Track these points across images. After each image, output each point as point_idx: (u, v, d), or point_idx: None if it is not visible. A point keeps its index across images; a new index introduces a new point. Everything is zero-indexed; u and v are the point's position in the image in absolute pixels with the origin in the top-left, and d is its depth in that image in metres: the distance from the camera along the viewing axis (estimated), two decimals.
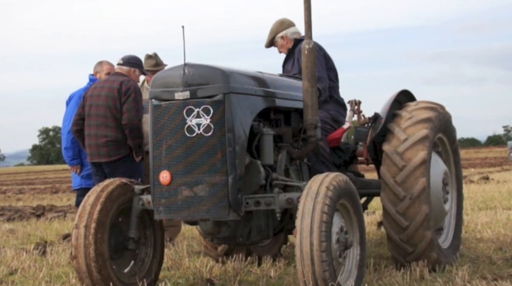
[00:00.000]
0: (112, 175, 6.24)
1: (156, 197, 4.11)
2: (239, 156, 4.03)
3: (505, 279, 4.46)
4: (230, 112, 4.00)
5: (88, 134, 6.32)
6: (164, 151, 4.07)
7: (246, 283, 4.67)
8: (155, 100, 4.15)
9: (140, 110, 6.32)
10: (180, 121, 4.04)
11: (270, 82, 4.55)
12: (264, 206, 4.11)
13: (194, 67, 4.09)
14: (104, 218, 4.22)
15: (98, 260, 4.13)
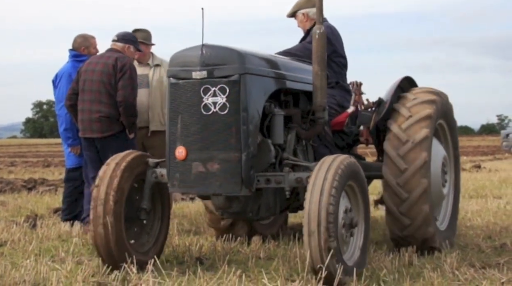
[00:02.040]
0: (104, 151, 6.23)
1: (171, 171, 4.30)
2: (252, 135, 4.22)
3: (493, 268, 4.49)
4: (245, 92, 4.17)
5: (81, 110, 6.28)
6: (180, 128, 4.26)
7: (235, 262, 4.68)
8: (172, 79, 4.31)
9: (135, 88, 6.29)
10: (197, 100, 4.21)
11: (282, 64, 4.73)
12: (274, 183, 4.30)
13: (212, 48, 4.25)
14: (123, 185, 4.41)
15: (115, 226, 4.32)
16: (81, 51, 6.84)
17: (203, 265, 4.62)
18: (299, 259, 4.62)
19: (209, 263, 4.66)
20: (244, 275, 4.19)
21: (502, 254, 5.00)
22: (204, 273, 4.33)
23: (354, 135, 5.62)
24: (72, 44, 6.91)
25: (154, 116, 6.87)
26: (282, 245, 5.31)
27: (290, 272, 4.34)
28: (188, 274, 4.29)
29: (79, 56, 6.81)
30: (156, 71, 7.00)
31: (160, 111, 6.92)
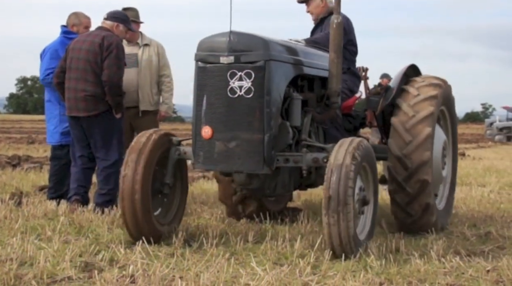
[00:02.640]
0: (90, 130, 6.19)
1: (197, 149, 4.62)
2: (274, 117, 4.55)
3: (478, 256, 4.55)
4: (269, 78, 4.48)
5: (67, 88, 6.23)
6: (207, 109, 4.56)
7: (222, 245, 4.69)
8: (200, 63, 4.60)
9: (121, 67, 6.22)
10: (224, 83, 4.50)
11: (301, 51, 5.04)
12: (292, 163, 4.66)
13: (239, 35, 4.55)
14: (150, 162, 4.70)
15: (142, 200, 4.61)
16: (71, 29, 6.76)
17: (191, 247, 4.62)
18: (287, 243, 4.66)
19: (197, 245, 4.66)
20: (232, 258, 4.19)
21: (486, 242, 5.06)
22: (192, 255, 4.34)
23: (360, 119, 5.94)
24: (66, 20, 6.83)
25: (144, 97, 6.84)
26: (270, 229, 5.32)
27: (278, 256, 4.35)
28: (176, 256, 4.29)
29: (70, 33, 6.72)
30: (145, 50, 6.95)
31: (150, 92, 6.88)
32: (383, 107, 5.66)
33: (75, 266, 3.95)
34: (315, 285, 3.61)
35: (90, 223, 5.35)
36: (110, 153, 6.20)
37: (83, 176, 6.29)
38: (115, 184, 6.23)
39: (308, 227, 5.39)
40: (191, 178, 9.71)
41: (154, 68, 6.93)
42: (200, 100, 4.59)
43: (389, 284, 3.70)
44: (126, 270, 3.85)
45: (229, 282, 3.62)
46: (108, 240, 4.73)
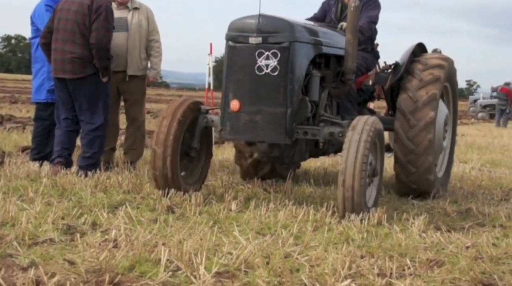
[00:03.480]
0: (75, 92, 6.12)
1: (225, 121, 5.03)
2: (296, 93, 4.97)
3: (458, 231, 4.60)
4: (293, 57, 4.91)
5: (54, 49, 6.14)
6: (236, 84, 4.98)
7: (205, 213, 4.69)
8: (231, 42, 5.02)
9: (110, 30, 6.14)
10: (252, 61, 4.91)
11: (320, 32, 5.44)
12: (310, 136, 5.12)
13: (267, 18, 4.98)
14: (180, 128, 5.15)
15: (173, 158, 5.10)
16: None
17: (174, 213, 4.62)
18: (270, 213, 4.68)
19: (180, 212, 4.66)
20: (215, 227, 4.21)
21: (467, 219, 5.11)
22: (175, 222, 4.35)
23: (370, 93, 6.42)
24: None
25: (133, 61, 6.75)
26: (253, 198, 5.33)
27: (261, 226, 4.37)
28: (159, 222, 4.29)
29: None
30: (135, 14, 6.84)
31: (138, 56, 6.79)
32: (391, 83, 6.04)
33: (57, 228, 3.94)
34: (297, 256, 3.62)
35: (73, 186, 5.32)
36: (95, 116, 6.16)
37: (67, 138, 6.24)
38: (99, 147, 6.21)
39: (291, 198, 5.41)
40: None
41: (143, 32, 6.83)
42: (230, 76, 5.01)
43: (370, 257, 3.73)
44: (108, 234, 3.85)
45: (212, 250, 3.63)
46: (91, 204, 4.71)
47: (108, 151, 6.80)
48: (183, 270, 3.22)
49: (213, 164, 7.37)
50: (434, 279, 3.37)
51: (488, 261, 3.78)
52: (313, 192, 5.79)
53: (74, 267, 3.20)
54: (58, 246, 3.61)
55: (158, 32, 6.96)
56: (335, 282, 3.17)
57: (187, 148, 5.37)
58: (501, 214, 5.23)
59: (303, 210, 4.79)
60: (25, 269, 3.10)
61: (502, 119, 25.65)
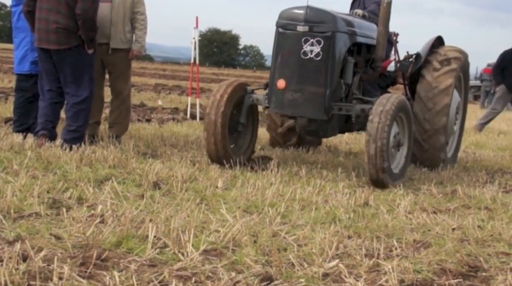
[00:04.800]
0: (60, 63, 6.01)
1: (272, 96, 5.78)
2: (335, 76, 5.72)
3: (444, 213, 4.62)
4: (334, 45, 5.65)
5: (38, 18, 6.01)
6: (283, 66, 5.71)
7: (192, 190, 4.67)
8: (281, 29, 5.76)
9: (96, 1, 6.03)
10: (298, 47, 5.64)
11: (355, 23, 6.09)
12: (344, 111, 5.85)
13: (313, 9, 5.71)
14: (230, 103, 5.81)
15: (223, 131, 5.74)
16: None
17: (160, 190, 4.59)
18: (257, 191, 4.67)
19: (166, 188, 4.63)
20: (202, 204, 4.18)
21: (452, 200, 5.13)
22: (162, 198, 4.32)
23: (391, 79, 7.00)
24: None
25: (116, 34, 6.63)
26: (239, 176, 5.31)
27: (248, 204, 4.36)
28: (145, 198, 4.26)
29: None
30: None
31: (122, 29, 6.66)
32: (412, 70, 6.69)
33: (43, 202, 3.90)
34: (285, 234, 3.62)
35: (58, 159, 5.25)
36: (80, 89, 6.07)
37: (51, 110, 6.15)
38: (84, 121, 6.12)
39: (278, 176, 5.40)
40: (160, 119, 9.63)
41: (128, 4, 6.69)
42: (278, 58, 5.72)
43: (357, 237, 3.74)
44: (95, 209, 3.82)
45: (199, 228, 3.61)
46: (76, 178, 4.66)
47: (93, 124, 6.72)
48: (170, 247, 3.20)
49: (199, 140, 7.34)
50: (420, 260, 3.38)
51: (474, 243, 3.81)
52: (299, 171, 5.77)
53: (61, 242, 3.17)
54: (44, 220, 3.57)
55: (143, 4, 6.82)
56: (323, 262, 3.17)
57: (235, 124, 6.02)
58: (486, 196, 5.26)
59: (290, 188, 4.79)
60: (11, 243, 3.07)
61: (487, 100, 25.73)
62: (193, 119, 10.22)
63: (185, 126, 9.01)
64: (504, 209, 4.91)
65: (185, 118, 10.36)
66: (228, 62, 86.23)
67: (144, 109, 11.33)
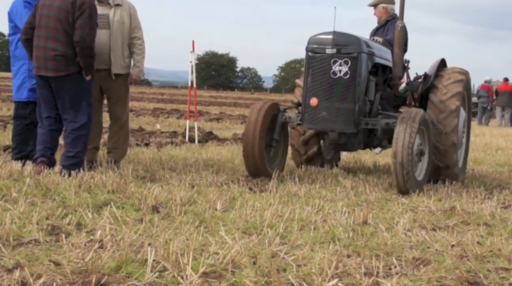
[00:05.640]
0: (58, 90, 6.05)
1: (305, 113, 6.43)
2: (362, 93, 6.43)
3: (443, 230, 4.62)
4: (360, 65, 6.33)
5: (36, 46, 6.07)
6: (315, 85, 6.37)
7: (191, 213, 4.67)
8: (310, 53, 6.45)
9: (94, 28, 6.08)
10: (328, 67, 6.33)
11: (376, 47, 6.81)
12: (371, 125, 6.57)
13: (340, 34, 6.42)
14: (265, 121, 6.51)
15: (260, 146, 6.40)
16: None
17: (159, 213, 4.60)
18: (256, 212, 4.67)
19: (165, 212, 4.63)
20: (201, 226, 4.19)
21: (451, 217, 5.13)
22: (161, 222, 4.32)
23: (402, 98, 7.64)
24: None
25: (116, 59, 6.68)
26: (238, 197, 5.32)
27: (247, 225, 4.36)
28: (144, 222, 4.26)
29: None
30: (117, 11, 6.77)
31: (121, 54, 6.72)
32: (422, 90, 7.28)
33: (42, 229, 3.90)
34: (284, 255, 3.61)
35: (56, 186, 5.27)
36: (78, 115, 6.10)
37: (49, 137, 6.18)
38: (83, 146, 6.14)
39: (277, 197, 5.40)
40: (159, 143, 9.66)
41: (126, 30, 6.76)
42: (310, 79, 6.38)
43: (356, 256, 3.74)
44: (94, 235, 3.82)
45: (198, 250, 3.61)
46: (75, 204, 4.67)
47: (92, 150, 6.75)
48: (170, 270, 3.20)
49: (197, 163, 7.36)
50: (420, 278, 3.38)
51: (473, 259, 3.81)
52: (298, 191, 5.79)
53: (60, 268, 3.17)
54: (43, 246, 3.58)
55: (141, 29, 6.90)
56: (322, 282, 3.17)
57: (269, 140, 6.69)
58: (485, 212, 5.27)
59: (289, 209, 4.79)
60: (10, 271, 3.07)
61: (484, 117, 25.79)
62: (191, 143, 10.26)
63: (183, 150, 9.03)
64: (503, 224, 4.91)
65: (184, 141, 10.40)
66: (226, 85, 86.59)
67: (143, 134, 11.37)
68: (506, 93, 25.05)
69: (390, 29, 7.55)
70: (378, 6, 7.76)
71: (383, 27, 7.76)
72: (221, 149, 9.50)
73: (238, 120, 17.96)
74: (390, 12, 7.74)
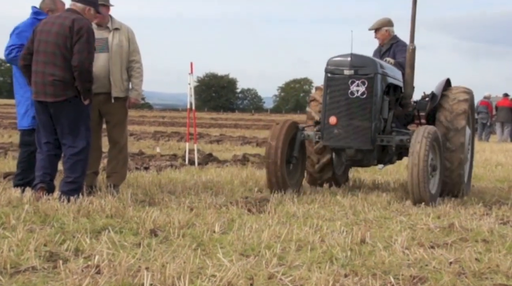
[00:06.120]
0: (57, 115, 6.08)
1: (325, 131, 6.81)
2: (378, 112, 6.82)
3: (441, 247, 4.62)
4: (376, 85, 6.73)
5: (35, 71, 6.11)
6: (334, 104, 6.76)
7: (189, 236, 4.68)
8: (329, 74, 6.84)
9: (92, 52, 6.12)
10: (346, 88, 6.74)
11: (389, 68, 7.21)
12: (386, 142, 6.95)
13: (356, 56, 6.82)
14: (286, 139, 6.94)
15: (282, 163, 6.87)
16: (46, 13, 6.58)
17: (157, 237, 4.61)
18: (254, 234, 4.68)
19: (164, 236, 4.64)
20: (199, 249, 4.19)
21: (450, 234, 5.13)
22: (159, 245, 4.32)
23: (411, 117, 8.03)
24: (40, 4, 6.66)
25: (116, 83, 6.73)
26: (237, 219, 5.33)
27: (245, 247, 4.36)
28: (142, 246, 4.27)
29: (40, 14, 6.56)
30: (116, 35, 6.83)
31: (120, 78, 6.76)
32: (430, 108, 7.64)
33: (40, 255, 3.91)
34: (281, 276, 3.62)
35: (55, 212, 5.28)
36: (77, 140, 6.12)
37: (48, 163, 6.20)
38: (82, 171, 6.16)
39: (275, 217, 5.41)
40: (158, 166, 9.68)
41: (124, 53, 6.82)
42: (329, 98, 6.77)
43: (353, 275, 3.74)
44: (91, 260, 3.82)
45: (195, 273, 3.62)
46: (73, 230, 4.68)
47: (91, 175, 6.77)
48: None
49: (196, 185, 7.38)
50: None
51: (471, 276, 3.81)
52: (297, 211, 5.79)
53: None
54: (40, 274, 3.58)
55: (139, 53, 6.96)
56: None
57: (289, 157, 7.07)
58: (484, 229, 5.26)
59: (287, 229, 4.80)
60: None
61: (484, 133, 25.79)
62: (191, 165, 10.28)
63: (183, 172, 9.05)
64: (502, 240, 4.91)
65: (184, 164, 10.41)
66: (226, 106, 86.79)
67: (143, 158, 11.38)
68: (505, 109, 25.07)
69: (398, 52, 7.92)
70: (381, 29, 8.13)
71: (388, 50, 8.11)
72: (221, 170, 9.51)
73: (238, 141, 17.98)
74: (392, 35, 8.13)
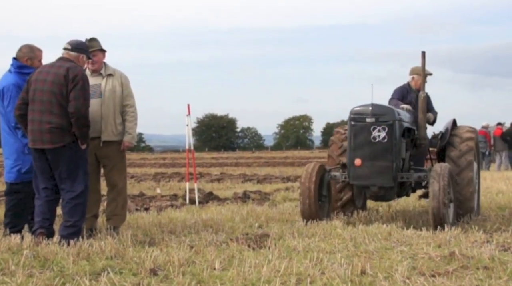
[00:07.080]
0: (54, 161, 6.11)
1: (351, 172, 7.51)
2: (397, 153, 7.51)
3: (443, 276, 4.60)
4: (395, 131, 7.46)
5: (31, 120, 6.15)
6: (358, 148, 7.49)
7: (189, 273, 4.67)
8: (353, 122, 7.58)
9: (87, 98, 6.19)
10: (368, 133, 7.47)
11: (403, 114, 7.91)
12: (405, 179, 7.69)
13: (377, 105, 7.59)
14: (317, 180, 7.66)
15: (315, 201, 7.57)
16: (24, 62, 6.57)
17: (158, 276, 4.59)
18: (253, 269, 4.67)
19: (164, 274, 4.63)
20: None
21: (451, 263, 5.11)
22: (159, 284, 4.32)
23: (425, 155, 8.96)
24: (17, 53, 6.63)
25: (107, 127, 6.80)
26: (237, 255, 5.32)
27: (245, 282, 4.35)
28: None
29: (24, 68, 6.58)
30: (109, 80, 6.92)
31: (113, 122, 6.83)
32: (440, 147, 8.48)
33: None
34: None
35: (55, 256, 5.27)
36: (75, 184, 6.14)
37: (47, 208, 6.20)
38: (81, 215, 6.16)
39: (275, 252, 5.40)
40: (159, 207, 9.68)
41: (117, 98, 6.90)
42: (353, 143, 7.49)
43: None
44: None
45: None
46: (73, 272, 4.67)
47: (91, 218, 6.77)
48: None
49: (197, 224, 7.37)
50: None
51: None
52: (297, 245, 5.78)
53: None
54: None
55: (132, 97, 7.03)
56: None
57: (318, 195, 7.73)
58: (485, 256, 5.25)
59: (287, 263, 4.79)
60: None
61: (484, 162, 25.79)
62: (192, 204, 10.27)
63: (183, 212, 9.05)
64: (503, 267, 4.89)
65: (184, 204, 10.41)
66: (227, 146, 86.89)
67: (143, 199, 11.38)
68: (497, 138, 25.31)
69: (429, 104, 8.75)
70: (414, 76, 8.90)
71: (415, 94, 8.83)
72: (221, 208, 9.51)
73: (239, 179, 17.98)
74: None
